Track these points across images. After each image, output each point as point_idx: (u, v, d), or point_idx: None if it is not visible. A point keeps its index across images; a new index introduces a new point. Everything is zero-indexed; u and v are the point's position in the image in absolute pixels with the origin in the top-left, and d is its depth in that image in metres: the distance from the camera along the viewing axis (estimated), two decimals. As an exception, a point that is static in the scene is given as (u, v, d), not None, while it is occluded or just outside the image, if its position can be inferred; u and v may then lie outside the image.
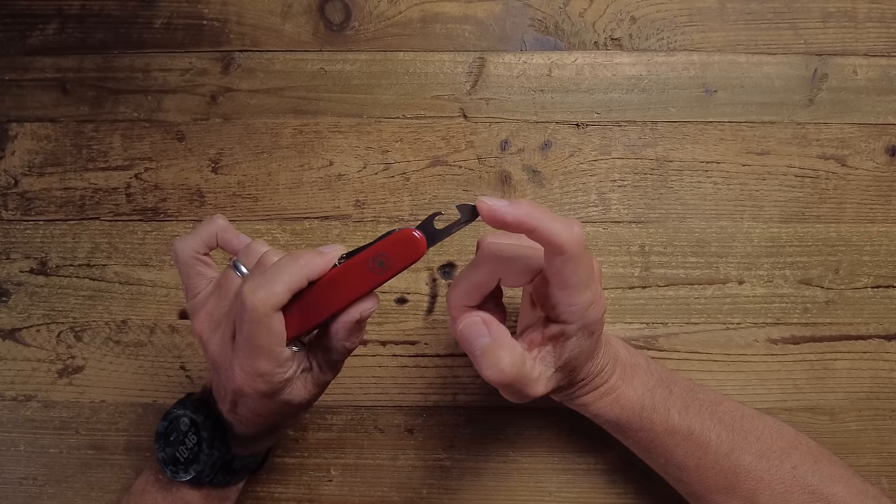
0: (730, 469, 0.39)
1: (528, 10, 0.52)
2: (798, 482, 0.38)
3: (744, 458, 0.39)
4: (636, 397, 0.41)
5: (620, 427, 0.41)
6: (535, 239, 0.33)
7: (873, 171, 0.50)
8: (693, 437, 0.40)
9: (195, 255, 0.39)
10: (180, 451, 0.39)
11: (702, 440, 0.40)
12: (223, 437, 0.39)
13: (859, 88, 0.51)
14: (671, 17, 0.52)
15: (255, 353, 0.34)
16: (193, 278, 0.39)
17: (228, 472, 0.40)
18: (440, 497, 0.48)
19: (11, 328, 0.50)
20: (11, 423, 0.49)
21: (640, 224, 0.50)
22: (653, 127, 0.51)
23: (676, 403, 0.41)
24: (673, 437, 0.40)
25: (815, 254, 0.50)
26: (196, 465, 0.39)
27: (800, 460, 0.39)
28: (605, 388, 0.40)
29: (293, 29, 0.52)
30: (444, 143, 0.51)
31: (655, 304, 0.50)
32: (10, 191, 0.51)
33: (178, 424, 0.40)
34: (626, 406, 0.40)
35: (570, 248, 0.32)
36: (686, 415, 0.40)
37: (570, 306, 0.34)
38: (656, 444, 0.41)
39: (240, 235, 0.40)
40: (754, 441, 0.40)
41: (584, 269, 0.34)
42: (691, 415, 0.40)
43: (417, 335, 0.49)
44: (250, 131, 0.52)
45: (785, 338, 0.49)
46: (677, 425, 0.40)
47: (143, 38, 0.52)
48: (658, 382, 0.42)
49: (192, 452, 0.39)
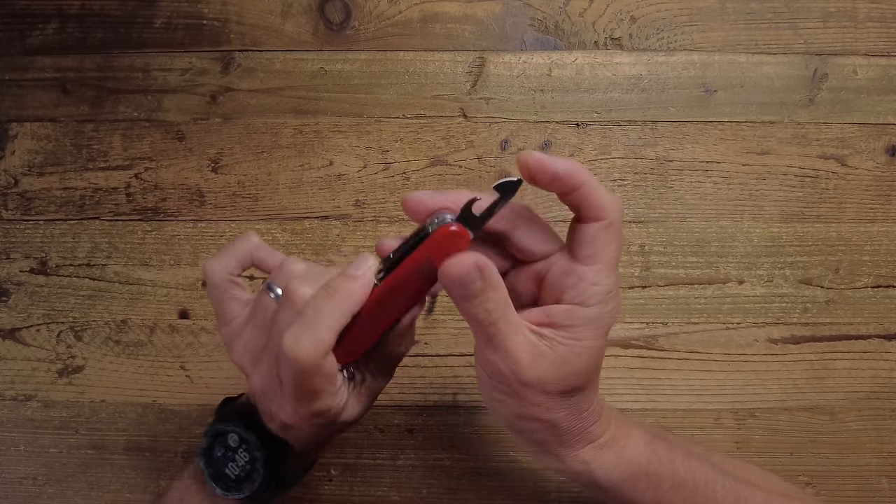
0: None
1: (528, 10, 0.52)
2: None
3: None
4: (639, 451, 0.36)
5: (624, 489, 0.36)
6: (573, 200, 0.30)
7: (873, 171, 0.50)
8: (699, 490, 0.36)
9: (229, 278, 0.36)
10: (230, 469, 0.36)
11: (708, 493, 0.36)
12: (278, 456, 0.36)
13: (859, 88, 0.51)
14: (671, 17, 0.52)
15: (309, 398, 0.32)
16: (227, 303, 0.36)
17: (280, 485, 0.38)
18: (440, 497, 0.48)
19: (11, 328, 0.50)
20: (11, 423, 0.49)
21: (640, 224, 0.50)
22: (653, 127, 0.51)
23: (679, 455, 0.37)
24: (680, 491, 0.36)
25: (815, 253, 0.50)
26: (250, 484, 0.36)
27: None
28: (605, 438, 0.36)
29: (293, 29, 0.52)
30: (444, 143, 0.51)
31: (655, 304, 0.49)
32: (10, 190, 0.51)
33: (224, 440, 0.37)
34: (633, 461, 0.36)
35: (612, 213, 0.30)
36: (689, 466, 0.37)
37: (594, 285, 0.31)
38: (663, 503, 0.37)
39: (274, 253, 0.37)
40: (756, 490, 0.37)
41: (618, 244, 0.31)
42: (694, 466, 0.37)
43: (417, 335, 0.49)
44: (250, 131, 0.52)
45: (785, 337, 0.49)
46: (683, 479, 0.36)
47: (143, 38, 0.52)
48: (654, 436, 0.38)
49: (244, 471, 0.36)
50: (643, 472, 0.36)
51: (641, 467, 0.36)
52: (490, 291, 0.30)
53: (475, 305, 0.31)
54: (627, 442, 0.36)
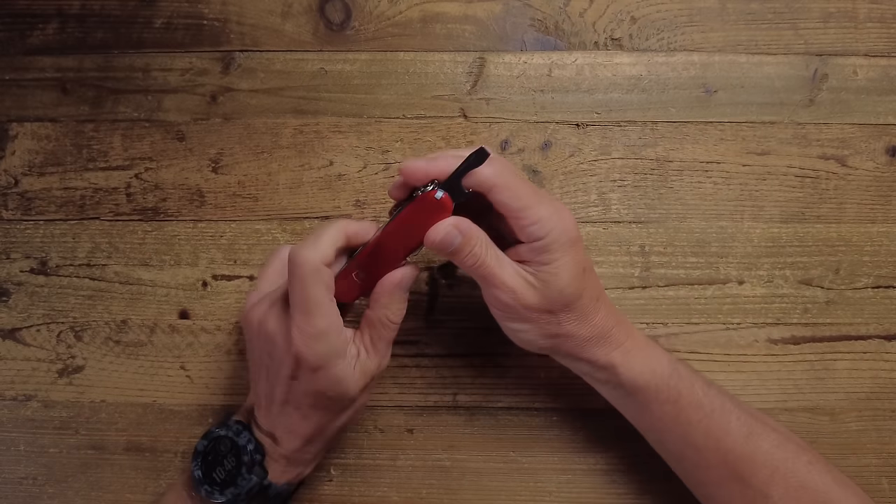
0: (748, 455, 0.38)
1: (529, 10, 0.52)
2: (812, 480, 0.37)
3: (762, 444, 0.38)
4: (664, 364, 0.40)
5: (647, 395, 0.40)
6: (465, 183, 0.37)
7: (873, 172, 0.50)
8: (714, 417, 0.39)
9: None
10: (217, 473, 0.39)
11: (723, 420, 0.39)
12: (261, 463, 0.39)
13: (859, 89, 0.51)
14: (671, 18, 0.52)
15: (311, 310, 0.36)
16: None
17: (264, 499, 0.40)
18: (440, 497, 0.48)
19: (11, 328, 0.50)
20: (11, 423, 0.49)
21: (640, 224, 0.50)
22: (653, 127, 0.51)
23: (700, 380, 0.40)
24: (697, 412, 0.39)
25: (816, 254, 0.50)
26: (233, 488, 0.38)
27: (814, 458, 0.39)
28: (630, 344, 0.40)
29: (293, 29, 0.52)
30: (444, 143, 0.51)
31: (656, 305, 0.49)
32: (10, 190, 0.51)
33: (217, 445, 0.39)
34: (657, 371, 0.40)
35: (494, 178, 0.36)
36: (709, 391, 0.40)
37: (530, 225, 0.37)
38: (679, 421, 0.39)
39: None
40: (772, 430, 0.39)
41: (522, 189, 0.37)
42: (713, 393, 0.40)
43: (417, 335, 0.49)
44: (250, 131, 0.52)
45: (785, 338, 0.49)
46: (701, 400, 0.39)
47: (143, 38, 0.52)
48: (679, 360, 0.41)
49: (229, 475, 0.39)
50: (665, 383, 0.40)
51: (664, 379, 0.40)
52: (472, 241, 0.37)
53: (464, 256, 0.37)
54: (653, 353, 0.41)
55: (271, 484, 0.40)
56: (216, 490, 0.39)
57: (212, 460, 0.39)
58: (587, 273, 0.39)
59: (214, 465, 0.39)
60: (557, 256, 0.37)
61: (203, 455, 0.40)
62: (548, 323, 0.39)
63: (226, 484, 0.38)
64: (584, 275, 0.39)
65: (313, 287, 0.36)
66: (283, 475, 0.40)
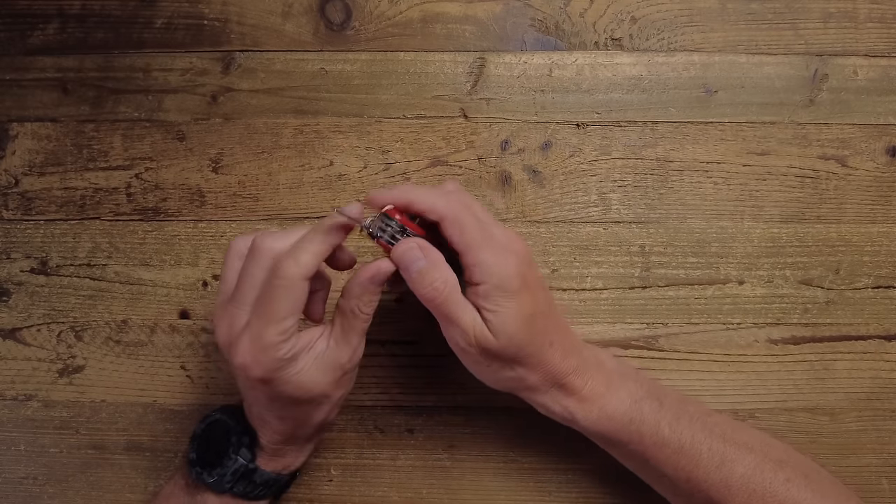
0: (721, 482, 0.38)
1: (529, 10, 0.52)
2: (791, 497, 0.38)
3: (736, 469, 0.38)
4: (623, 408, 0.40)
5: (610, 440, 0.41)
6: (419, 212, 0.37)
7: (874, 172, 0.50)
8: (684, 451, 0.39)
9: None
10: (210, 455, 0.40)
11: (692, 453, 0.39)
12: (249, 445, 0.40)
13: (860, 89, 0.51)
14: (672, 18, 0.52)
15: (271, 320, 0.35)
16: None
17: (249, 483, 0.40)
18: (440, 497, 0.48)
19: (12, 328, 0.50)
20: (11, 423, 0.49)
21: (640, 224, 0.50)
22: (653, 127, 0.51)
23: (667, 416, 0.40)
24: (663, 450, 0.39)
25: (816, 254, 0.50)
26: (219, 468, 0.39)
27: (792, 474, 0.39)
28: (586, 391, 0.39)
29: (294, 29, 0.52)
30: (444, 143, 0.51)
31: (656, 305, 0.50)
32: (10, 190, 0.51)
33: (212, 428, 0.41)
34: (614, 417, 0.39)
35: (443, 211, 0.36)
36: (677, 427, 0.39)
37: (475, 266, 0.36)
38: (647, 458, 0.40)
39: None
40: (746, 453, 0.39)
41: (469, 227, 0.36)
42: (682, 427, 0.39)
43: (417, 335, 0.49)
44: (251, 131, 0.52)
45: (785, 338, 0.49)
46: (667, 438, 0.39)
47: (143, 38, 0.52)
48: (647, 394, 0.41)
49: (216, 456, 0.39)
50: (625, 429, 0.39)
51: (623, 424, 0.39)
52: (434, 271, 0.36)
53: (426, 285, 0.36)
54: (611, 399, 0.40)
55: (258, 468, 0.40)
56: (205, 472, 0.39)
57: (206, 443, 0.40)
58: (537, 319, 0.38)
59: (208, 448, 0.40)
60: (500, 303, 0.36)
61: (200, 438, 0.41)
62: (501, 368, 0.38)
63: (213, 465, 0.39)
64: (533, 322, 0.37)
65: (284, 301, 0.35)
66: (268, 464, 0.41)
